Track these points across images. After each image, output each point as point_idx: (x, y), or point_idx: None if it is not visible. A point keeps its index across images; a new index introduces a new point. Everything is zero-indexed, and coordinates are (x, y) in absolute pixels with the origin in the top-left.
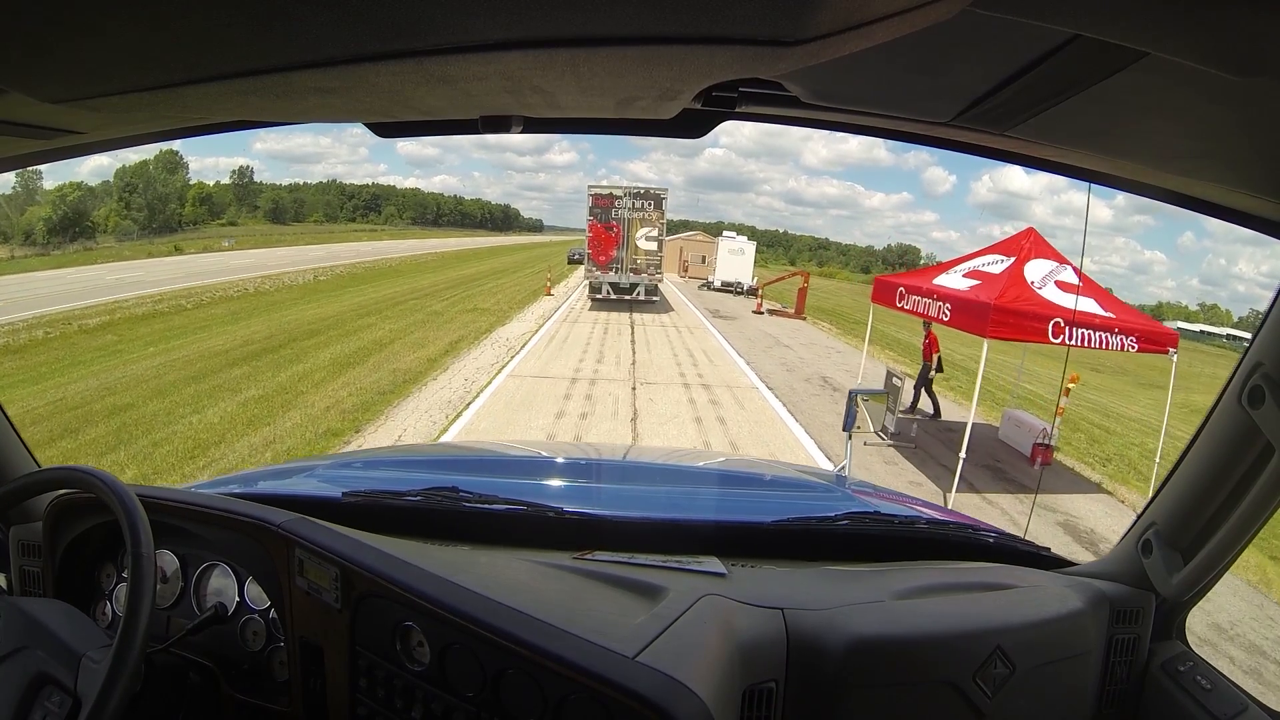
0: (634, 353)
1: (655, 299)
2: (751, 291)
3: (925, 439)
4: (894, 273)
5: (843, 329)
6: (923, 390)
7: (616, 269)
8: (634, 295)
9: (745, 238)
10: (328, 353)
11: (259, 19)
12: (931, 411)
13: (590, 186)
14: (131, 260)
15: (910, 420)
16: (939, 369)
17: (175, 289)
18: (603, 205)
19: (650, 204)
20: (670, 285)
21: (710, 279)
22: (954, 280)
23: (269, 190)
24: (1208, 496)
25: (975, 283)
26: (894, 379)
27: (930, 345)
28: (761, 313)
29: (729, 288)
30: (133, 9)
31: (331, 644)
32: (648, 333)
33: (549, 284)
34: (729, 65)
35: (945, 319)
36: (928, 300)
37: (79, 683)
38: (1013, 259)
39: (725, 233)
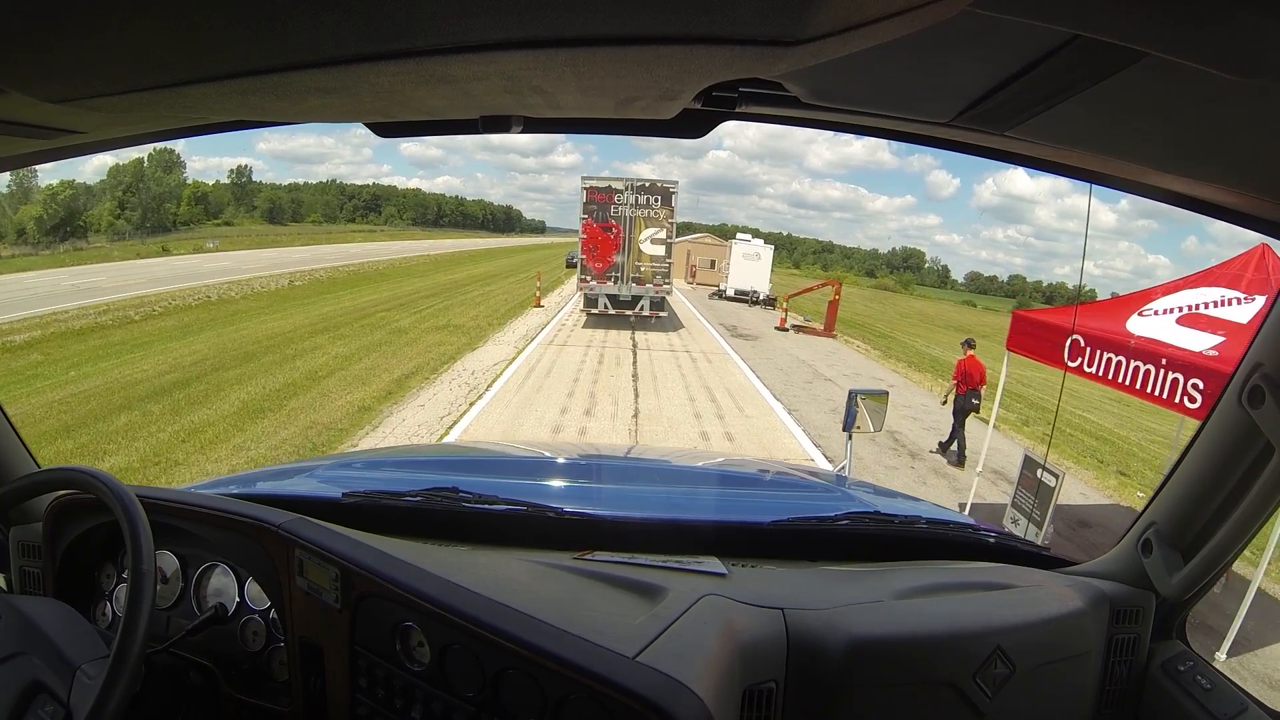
0: (636, 396)
1: (663, 314)
2: (769, 302)
3: (1060, 546)
4: (1038, 308)
5: (881, 349)
6: (960, 424)
7: (616, 278)
8: (637, 310)
9: (762, 240)
10: (246, 390)
11: (259, 19)
12: (956, 453)
13: (585, 179)
14: (119, 261)
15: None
16: (973, 405)
17: (131, 296)
18: (600, 201)
19: (657, 200)
20: (678, 294)
21: (722, 286)
22: (1170, 331)
23: (267, 190)
24: (1208, 496)
25: (1216, 339)
26: (1041, 470)
27: (971, 371)
28: (786, 329)
29: (743, 297)
30: (133, 9)
31: (331, 644)
32: (654, 361)
33: (538, 294)
34: (729, 65)
35: (1192, 406)
36: (1144, 365)
37: (72, 696)
38: (1259, 298)
39: (740, 235)
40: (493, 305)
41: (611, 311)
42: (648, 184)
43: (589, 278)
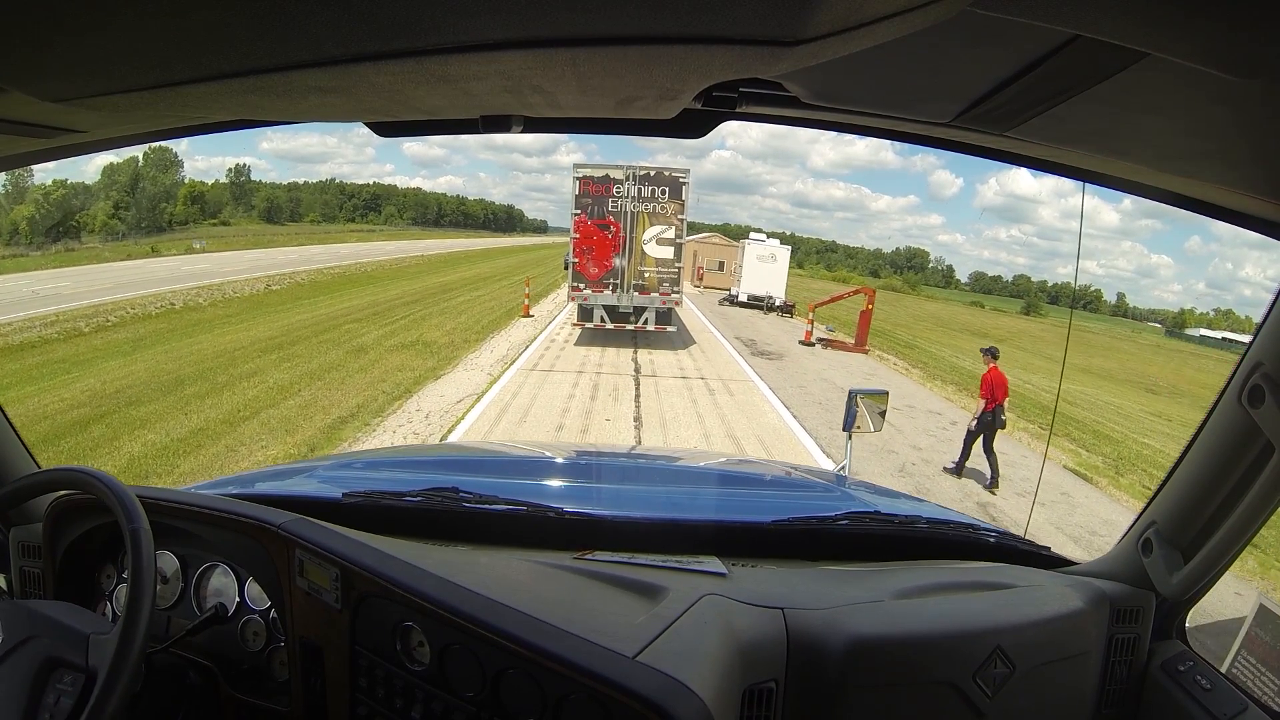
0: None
1: (671, 329)
2: (786, 309)
3: None
4: None
5: (920, 367)
6: (978, 444)
7: (615, 286)
8: (640, 324)
9: (777, 240)
10: (147, 438)
11: (260, 18)
12: (989, 477)
13: (577, 167)
14: (110, 262)
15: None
16: (1001, 422)
17: (89, 305)
18: (596, 193)
19: (663, 191)
20: (684, 300)
21: (734, 291)
22: None
23: (265, 189)
24: (1208, 496)
25: None
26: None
27: (996, 385)
28: (812, 343)
29: (757, 303)
30: (133, 8)
31: (331, 644)
32: (661, 395)
33: (527, 303)
34: (729, 65)
35: None
36: None
37: (89, 658)
38: None
39: (753, 234)
40: (475, 314)
41: (609, 326)
42: (652, 173)
43: (582, 285)
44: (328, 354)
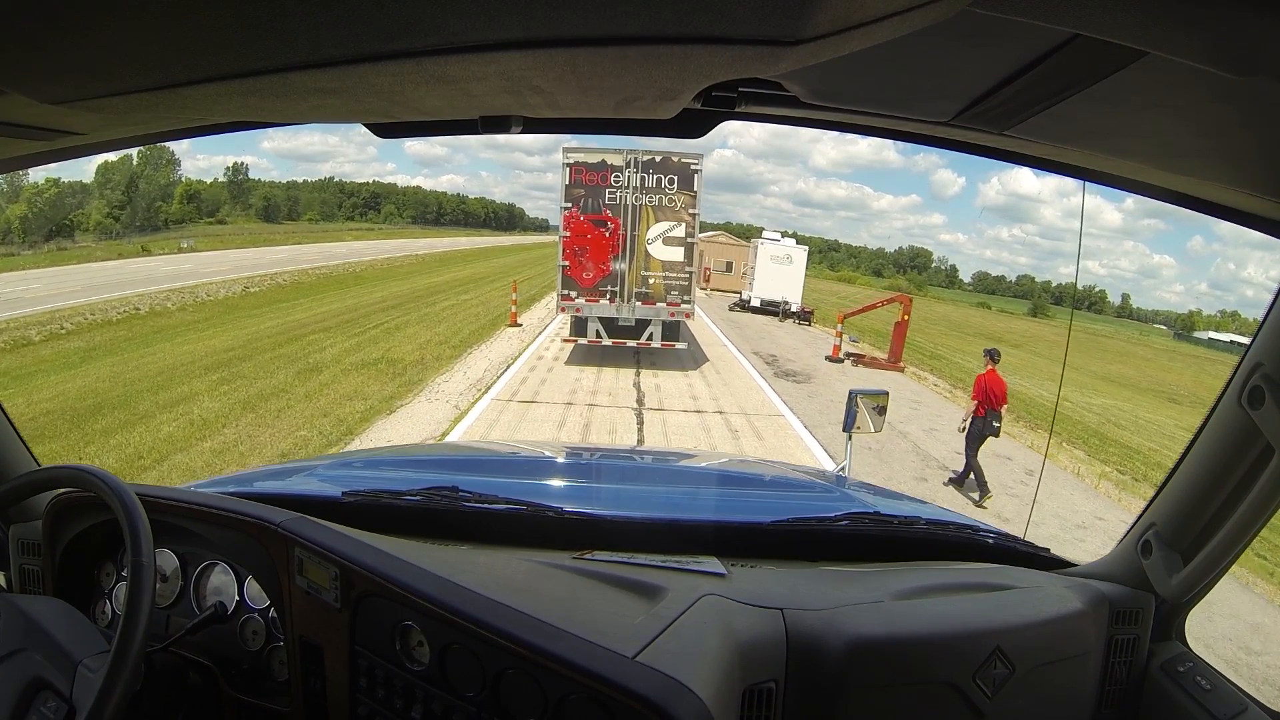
0: None
1: (680, 345)
2: (803, 315)
3: None
4: None
5: (965, 389)
6: (974, 452)
7: (613, 294)
8: (643, 340)
9: (793, 240)
10: None
11: (259, 19)
12: (977, 486)
13: (566, 150)
14: (101, 261)
15: None
16: (994, 429)
17: (49, 309)
18: (590, 183)
19: (671, 181)
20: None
21: (745, 296)
22: None
23: (263, 188)
24: (1207, 497)
25: None
26: None
27: (993, 388)
28: (840, 359)
29: (772, 308)
30: (133, 9)
31: (331, 644)
32: (671, 437)
33: (514, 310)
34: (728, 65)
35: None
36: None
37: (74, 691)
38: None
39: (766, 233)
40: (457, 323)
41: (607, 342)
42: (658, 159)
43: (574, 293)
44: (276, 374)
